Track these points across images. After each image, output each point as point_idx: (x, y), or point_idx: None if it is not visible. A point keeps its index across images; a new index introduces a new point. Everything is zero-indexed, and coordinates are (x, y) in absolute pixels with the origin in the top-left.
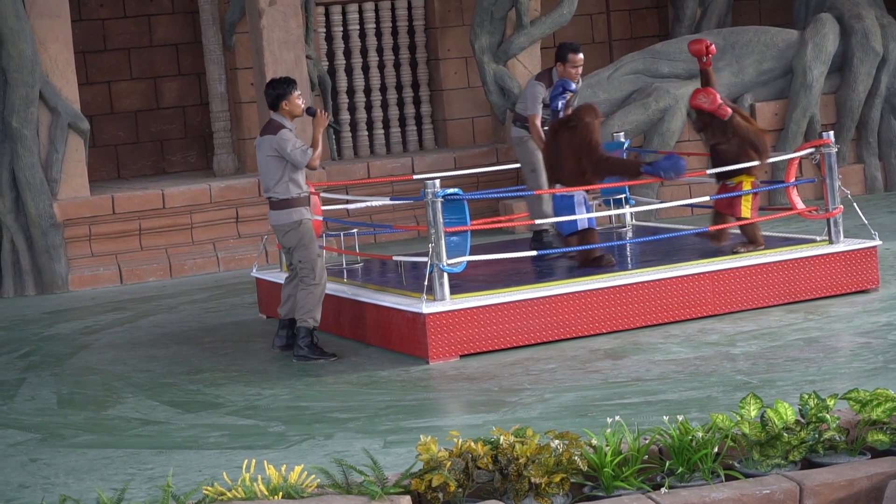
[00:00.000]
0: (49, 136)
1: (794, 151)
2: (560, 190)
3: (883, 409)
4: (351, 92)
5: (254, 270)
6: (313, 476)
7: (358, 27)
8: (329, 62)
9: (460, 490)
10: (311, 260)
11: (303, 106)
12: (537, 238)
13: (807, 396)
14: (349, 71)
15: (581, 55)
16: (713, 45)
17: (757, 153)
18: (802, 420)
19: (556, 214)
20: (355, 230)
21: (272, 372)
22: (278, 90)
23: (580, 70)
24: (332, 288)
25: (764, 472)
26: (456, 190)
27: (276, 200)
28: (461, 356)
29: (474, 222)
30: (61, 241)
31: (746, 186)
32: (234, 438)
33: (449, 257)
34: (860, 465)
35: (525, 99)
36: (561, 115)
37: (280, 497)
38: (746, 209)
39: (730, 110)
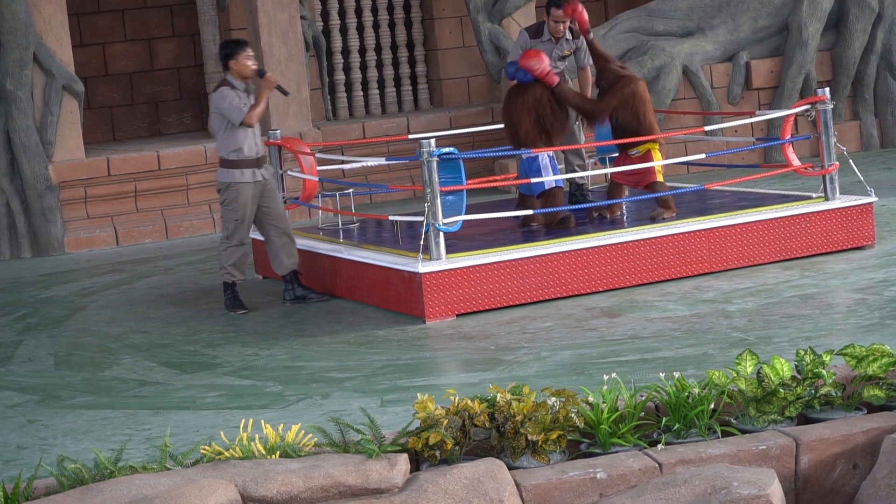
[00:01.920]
0: (44, 99)
1: (790, 108)
2: (548, 149)
3: (879, 365)
4: (346, 52)
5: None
6: (310, 435)
7: None
8: (324, 22)
9: (457, 448)
10: (229, 221)
11: (253, 67)
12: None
13: (803, 352)
14: (344, 31)
15: (562, 11)
16: (579, 8)
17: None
18: (798, 376)
19: (523, 177)
20: (351, 190)
21: (269, 332)
22: (226, 50)
23: (563, 26)
24: (329, 248)
25: (760, 427)
26: (451, 149)
27: (219, 158)
28: (457, 315)
29: (470, 181)
30: (57, 204)
31: (656, 154)
32: (232, 398)
33: (445, 217)
34: (856, 420)
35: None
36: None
37: (278, 456)
38: (660, 174)
39: (556, 78)
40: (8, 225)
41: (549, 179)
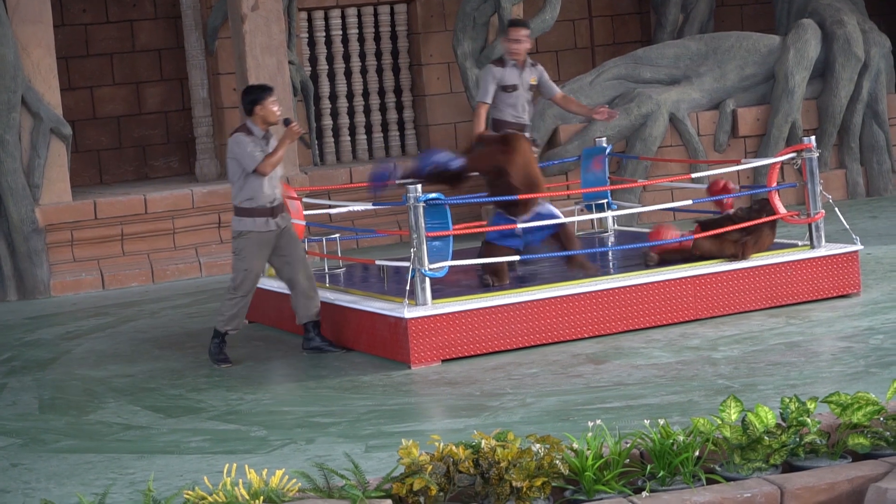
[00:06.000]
0: (31, 142)
1: (776, 156)
2: (544, 195)
3: (864, 413)
4: (333, 97)
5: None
6: (295, 480)
7: (341, 32)
8: (312, 67)
9: (442, 494)
10: (239, 271)
11: (279, 114)
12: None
13: (788, 400)
14: (332, 76)
15: (523, 31)
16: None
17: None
18: (783, 424)
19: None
20: (337, 235)
21: (254, 377)
22: (252, 96)
23: (520, 46)
24: None
25: (745, 475)
26: (438, 195)
27: (233, 206)
28: (443, 361)
29: (456, 227)
30: (43, 247)
31: None
32: (216, 443)
33: (431, 262)
34: (841, 468)
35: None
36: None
37: (261, 501)
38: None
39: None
40: None
41: (560, 221)
